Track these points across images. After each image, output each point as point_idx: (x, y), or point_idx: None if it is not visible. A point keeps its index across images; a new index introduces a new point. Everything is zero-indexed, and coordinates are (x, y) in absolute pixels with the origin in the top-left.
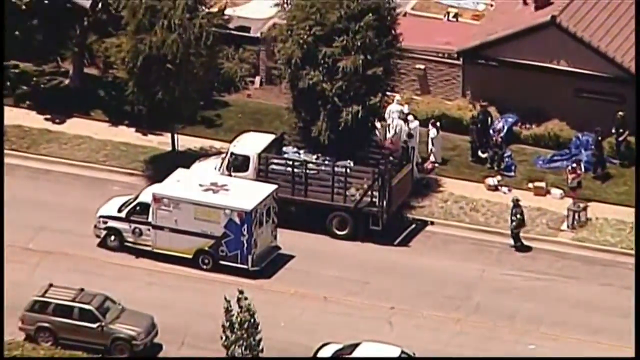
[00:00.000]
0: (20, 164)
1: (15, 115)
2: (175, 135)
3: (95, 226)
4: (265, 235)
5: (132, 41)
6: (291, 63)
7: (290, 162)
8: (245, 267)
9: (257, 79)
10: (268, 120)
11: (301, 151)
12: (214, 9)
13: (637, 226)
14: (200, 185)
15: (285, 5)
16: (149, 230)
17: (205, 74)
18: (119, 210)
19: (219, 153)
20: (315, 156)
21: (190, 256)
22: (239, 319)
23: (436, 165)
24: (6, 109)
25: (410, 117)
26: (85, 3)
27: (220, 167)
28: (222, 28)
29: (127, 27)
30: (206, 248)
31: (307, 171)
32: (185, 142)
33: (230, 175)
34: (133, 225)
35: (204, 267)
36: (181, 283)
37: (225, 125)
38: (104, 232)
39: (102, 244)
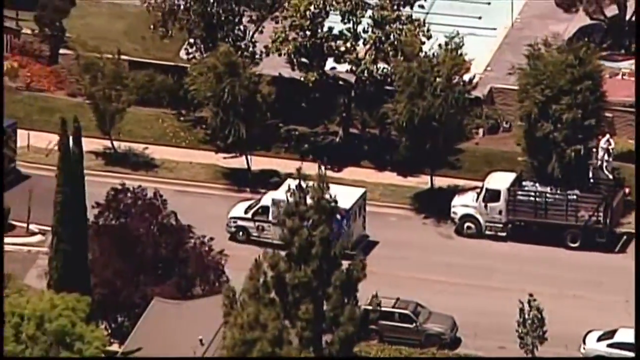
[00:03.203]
0: None
1: (304, 167)
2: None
3: (227, 225)
4: (358, 227)
5: (408, 105)
6: (530, 117)
7: (533, 193)
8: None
9: (481, 130)
10: (496, 161)
11: (537, 184)
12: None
13: (637, 227)
14: None
15: (515, 72)
16: (269, 226)
17: (460, 129)
18: (245, 212)
19: (474, 188)
20: (549, 187)
21: None
22: (531, 316)
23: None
24: (293, 162)
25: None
26: (350, 77)
27: (477, 199)
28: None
29: (400, 95)
30: None
31: (546, 199)
32: (438, 181)
33: (486, 206)
34: (257, 223)
35: None
36: (461, 289)
37: (464, 167)
38: (234, 229)
39: (233, 239)
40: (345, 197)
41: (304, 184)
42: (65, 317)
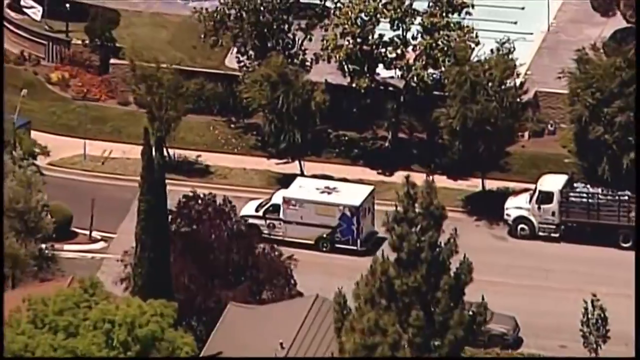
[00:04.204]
0: None
1: (354, 171)
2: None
3: None
4: (368, 223)
5: (461, 109)
6: (581, 120)
7: (585, 195)
8: (355, 248)
9: (527, 133)
10: (543, 164)
11: (588, 186)
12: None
13: (637, 226)
14: (317, 188)
15: (565, 75)
16: (280, 224)
17: (511, 132)
18: (256, 210)
19: (526, 190)
20: (600, 189)
21: (312, 242)
22: (594, 315)
23: None
24: (346, 168)
25: None
26: (398, 83)
27: (530, 201)
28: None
29: (452, 99)
30: (325, 236)
31: (598, 200)
32: (488, 184)
33: (539, 207)
34: (268, 221)
35: (324, 250)
36: (518, 290)
37: (513, 170)
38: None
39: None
40: (354, 194)
41: (412, 191)
42: (155, 323)
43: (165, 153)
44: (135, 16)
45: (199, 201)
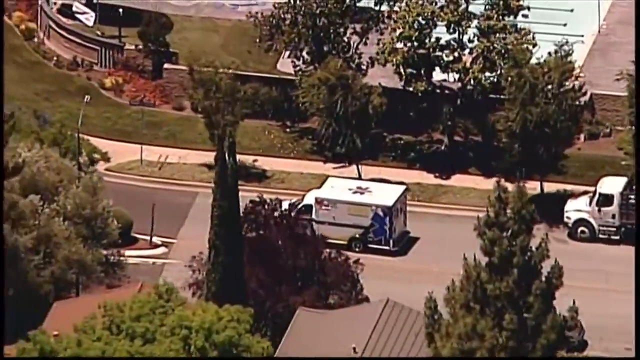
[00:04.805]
0: (428, 212)
1: (411, 175)
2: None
3: None
4: (400, 223)
5: (521, 112)
6: None
7: None
8: (387, 248)
9: (582, 135)
10: (599, 166)
11: None
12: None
13: (637, 228)
14: (349, 189)
15: (623, 77)
16: (312, 224)
17: (570, 135)
18: (289, 211)
19: (585, 193)
20: None
21: (345, 242)
22: None
23: None
24: (403, 171)
25: None
26: (453, 86)
27: (590, 204)
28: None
29: (511, 102)
30: (357, 236)
31: None
32: (546, 187)
33: (599, 210)
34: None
35: (356, 250)
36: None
37: (570, 172)
38: None
39: None
40: (387, 194)
41: (503, 195)
42: (232, 329)
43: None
44: (186, 21)
45: (265, 206)
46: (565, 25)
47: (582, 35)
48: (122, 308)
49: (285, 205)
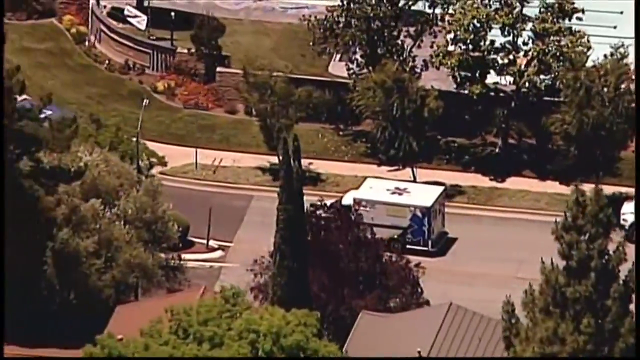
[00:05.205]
0: (483, 215)
1: (465, 178)
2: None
3: None
4: (438, 224)
5: (578, 115)
6: None
7: None
8: (426, 249)
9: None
10: None
11: None
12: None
13: (637, 228)
14: (388, 190)
15: None
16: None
17: (625, 137)
18: (327, 211)
19: None
20: None
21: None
22: None
23: None
24: (458, 174)
25: None
26: (506, 88)
27: None
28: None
29: (568, 104)
30: (396, 236)
31: None
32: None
33: None
34: None
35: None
36: None
37: (624, 174)
38: None
39: None
40: (425, 195)
41: (581, 199)
42: (300, 333)
43: (277, 160)
44: (236, 24)
45: (326, 209)
46: (615, 27)
47: (633, 37)
48: (189, 312)
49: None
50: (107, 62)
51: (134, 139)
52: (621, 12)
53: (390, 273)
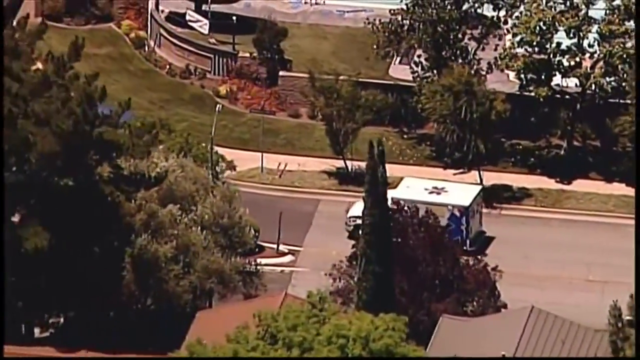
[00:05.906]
0: (552, 217)
1: (532, 180)
2: None
3: (345, 223)
4: (476, 223)
5: None
6: None
7: None
8: (464, 248)
9: None
10: None
11: None
12: None
13: (637, 227)
14: (426, 189)
15: None
16: None
17: None
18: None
19: None
20: None
21: None
22: None
23: None
24: (524, 177)
25: None
26: (573, 90)
27: None
28: None
29: (633, 106)
30: None
31: None
32: None
33: None
34: None
35: None
36: None
37: None
38: (352, 228)
39: (350, 237)
40: (463, 194)
41: None
42: (388, 337)
43: (343, 164)
44: (295, 28)
45: (403, 213)
46: None
47: None
48: (277, 317)
49: (360, 205)
50: (167, 66)
51: (203, 144)
52: None
53: (467, 277)
